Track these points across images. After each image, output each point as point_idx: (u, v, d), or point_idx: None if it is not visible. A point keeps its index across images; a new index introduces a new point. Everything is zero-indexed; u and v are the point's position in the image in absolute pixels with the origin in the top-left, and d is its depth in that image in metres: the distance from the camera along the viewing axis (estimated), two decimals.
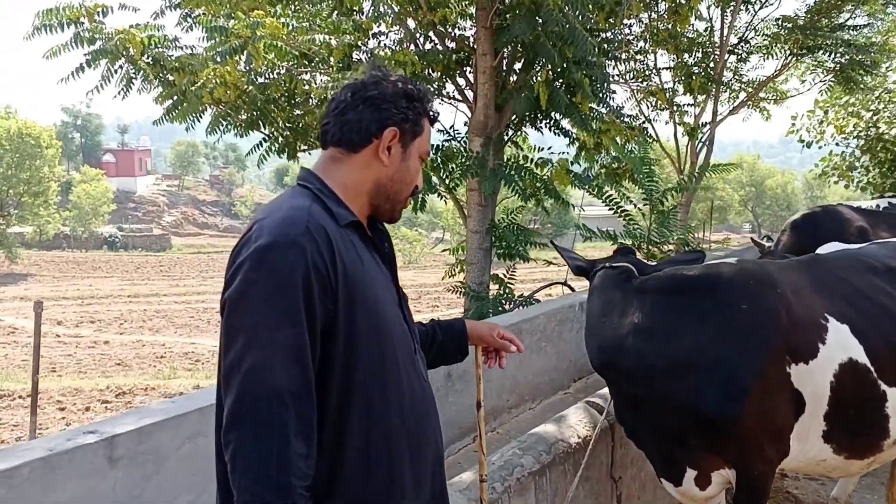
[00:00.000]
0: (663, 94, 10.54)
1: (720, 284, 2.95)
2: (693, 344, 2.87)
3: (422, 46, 7.88)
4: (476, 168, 7.28)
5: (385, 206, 1.73)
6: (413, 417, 1.64)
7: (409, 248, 48.24)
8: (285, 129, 8.31)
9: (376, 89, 1.67)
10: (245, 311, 1.44)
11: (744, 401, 2.80)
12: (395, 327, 1.65)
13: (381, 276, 1.68)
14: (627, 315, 2.96)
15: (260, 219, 1.55)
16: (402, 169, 1.71)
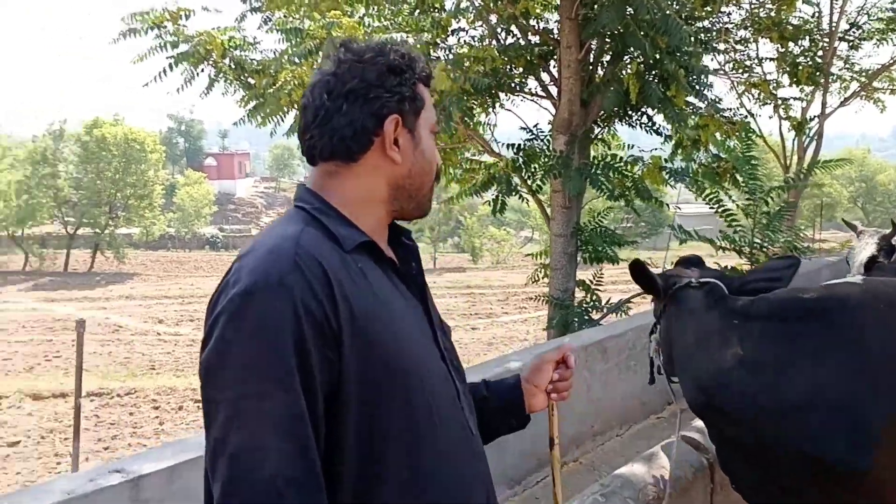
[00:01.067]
0: (766, 85, 9.79)
1: (844, 309, 2.46)
2: (812, 381, 2.40)
3: (503, 42, 7.52)
4: (560, 168, 6.86)
5: (409, 206, 1.39)
6: (458, 487, 1.29)
7: (498, 248, 47.82)
8: None
9: (355, 78, 1.30)
10: (224, 379, 1.14)
11: (874, 450, 2.32)
12: (429, 373, 1.30)
13: (408, 307, 1.33)
14: (730, 345, 2.49)
15: (242, 254, 1.24)
16: (418, 157, 1.36)
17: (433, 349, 1.35)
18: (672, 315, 2.64)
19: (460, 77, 6.45)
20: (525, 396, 1.67)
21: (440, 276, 39.15)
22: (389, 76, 1.31)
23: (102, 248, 41.22)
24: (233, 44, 7.29)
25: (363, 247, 1.28)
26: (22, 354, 18.32)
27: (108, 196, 40.72)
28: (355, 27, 6.99)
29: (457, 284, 34.63)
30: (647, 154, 7.71)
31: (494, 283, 34.20)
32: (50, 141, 41.42)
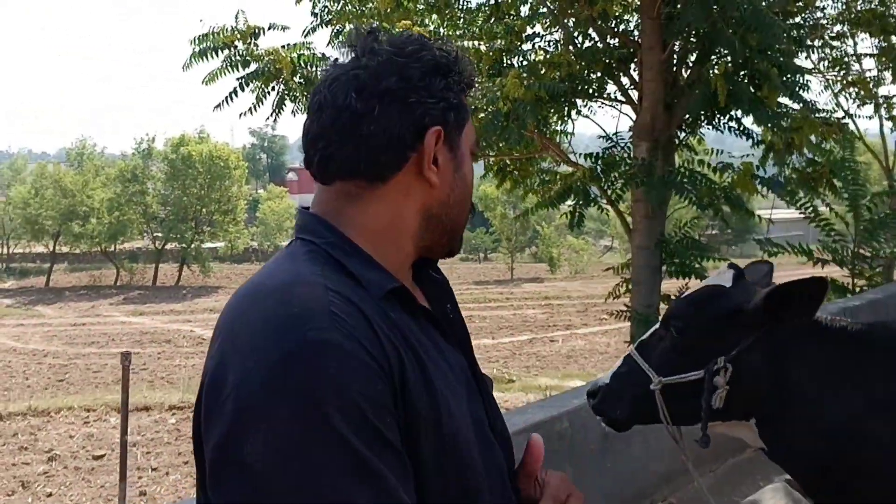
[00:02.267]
0: (866, 83, 9.11)
1: None
2: None
3: (580, 46, 7.21)
4: (642, 176, 6.50)
5: (442, 241, 1.10)
6: None
7: (576, 258, 47.05)
8: None
9: (394, 75, 1.00)
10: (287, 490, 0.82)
11: None
12: (476, 446, 1.01)
13: (448, 366, 1.03)
14: (858, 385, 2.10)
15: (236, 311, 0.95)
16: (459, 182, 1.07)
17: (481, 417, 1.06)
18: (774, 348, 2.15)
19: (535, 84, 6.17)
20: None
21: (517, 287, 38.83)
22: (436, 77, 1.02)
23: (189, 262, 42.67)
24: (303, 60, 7.23)
25: (393, 294, 1.00)
26: (111, 367, 18.98)
27: (193, 212, 42.17)
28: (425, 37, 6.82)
29: (534, 295, 34.23)
30: (738, 160, 7.24)
31: (573, 294, 33.59)
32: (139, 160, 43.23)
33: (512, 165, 8.86)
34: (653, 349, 2.22)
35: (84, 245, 42.20)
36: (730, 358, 2.09)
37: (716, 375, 2.09)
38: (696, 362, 2.12)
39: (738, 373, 2.10)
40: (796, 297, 2.03)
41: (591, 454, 3.22)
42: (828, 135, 7.48)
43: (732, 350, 2.11)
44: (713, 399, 2.09)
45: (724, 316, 2.13)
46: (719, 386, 2.09)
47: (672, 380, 2.13)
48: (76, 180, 41.57)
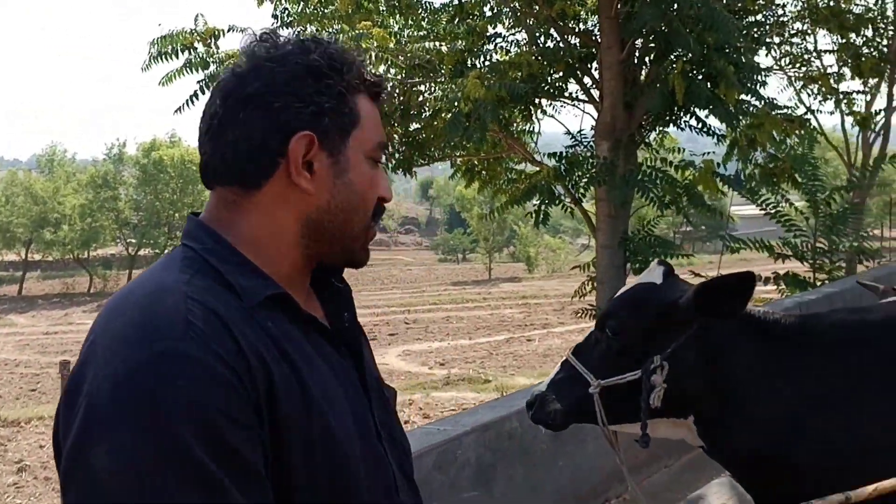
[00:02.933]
0: (827, 79, 9.23)
1: None
2: (886, 419, 2.03)
3: (543, 46, 7.24)
4: (604, 175, 6.53)
5: (334, 251, 1.08)
6: None
7: (554, 257, 47.21)
8: (401, 144, 7.95)
9: (259, 79, 1.00)
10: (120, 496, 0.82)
11: None
12: (360, 462, 1.00)
13: (333, 374, 1.03)
14: (794, 381, 2.11)
15: (103, 318, 0.94)
16: (342, 188, 1.05)
17: (369, 430, 1.05)
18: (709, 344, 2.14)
19: (495, 84, 6.18)
20: None
21: (495, 287, 38.86)
22: (305, 80, 1.01)
23: None
24: None
25: (273, 301, 0.99)
26: None
27: (167, 217, 41.71)
28: (386, 38, 6.81)
29: (512, 295, 34.27)
30: (699, 158, 7.31)
31: (550, 293, 33.67)
32: (110, 165, 42.74)
33: (480, 166, 8.88)
34: (590, 352, 2.21)
35: (56, 252, 41.61)
36: (665, 356, 2.08)
37: (653, 374, 2.08)
38: (632, 362, 2.11)
39: (674, 370, 2.09)
40: (725, 292, 2.02)
41: (542, 453, 3.23)
42: (790, 131, 7.58)
43: (668, 348, 2.09)
44: (651, 398, 2.09)
45: (657, 314, 2.12)
46: (657, 385, 2.09)
47: (610, 381, 2.12)
48: (46, 187, 40.98)
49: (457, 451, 2.88)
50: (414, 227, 79.30)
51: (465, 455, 2.91)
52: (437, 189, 76.90)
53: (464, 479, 2.91)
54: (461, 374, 16.56)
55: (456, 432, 2.91)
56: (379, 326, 25.78)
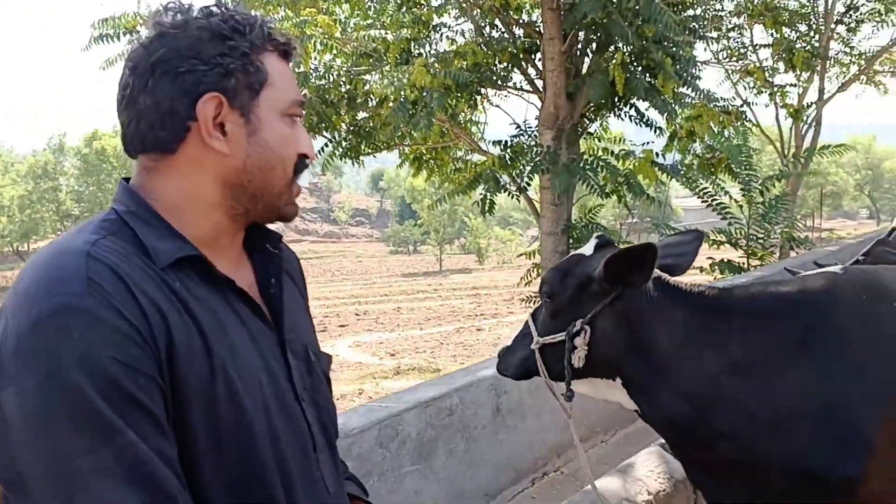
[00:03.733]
0: (761, 73, 9.53)
1: (824, 303, 2.24)
2: (797, 386, 2.17)
3: (488, 36, 7.32)
4: (547, 164, 6.66)
5: (257, 209, 1.11)
6: None
7: (504, 248, 47.58)
8: (349, 133, 7.96)
9: (164, 46, 1.02)
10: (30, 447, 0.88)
11: (867, 457, 2.10)
12: (271, 422, 1.04)
13: (250, 337, 1.07)
14: (714, 348, 2.24)
15: (20, 276, 0.99)
16: (256, 147, 1.07)
17: (282, 391, 1.09)
18: (632, 312, 2.26)
19: (441, 72, 6.25)
20: None
21: (446, 278, 39.02)
22: (209, 44, 1.03)
23: None
24: None
25: (185, 263, 1.02)
26: None
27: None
28: (332, 26, 6.82)
29: (462, 286, 34.46)
30: (639, 148, 7.51)
31: (500, 284, 33.96)
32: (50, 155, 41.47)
33: (428, 155, 8.94)
34: (539, 313, 2.40)
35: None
36: (587, 321, 2.22)
37: (575, 337, 2.23)
38: (562, 324, 2.28)
39: (594, 334, 2.24)
40: (629, 263, 2.15)
41: (483, 428, 3.33)
42: (727, 123, 7.84)
43: (589, 314, 2.24)
44: (573, 358, 2.25)
45: (578, 283, 2.26)
46: (578, 346, 2.23)
47: (545, 340, 2.30)
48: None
49: (398, 426, 2.96)
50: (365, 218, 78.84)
51: (406, 430, 2.99)
52: (387, 181, 76.55)
53: (405, 453, 2.99)
54: (411, 364, 16.62)
55: (398, 408, 2.98)
56: (329, 318, 25.65)
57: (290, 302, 1.20)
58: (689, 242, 2.48)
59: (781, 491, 2.21)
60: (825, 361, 2.17)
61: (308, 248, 65.17)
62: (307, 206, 77.82)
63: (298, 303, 1.26)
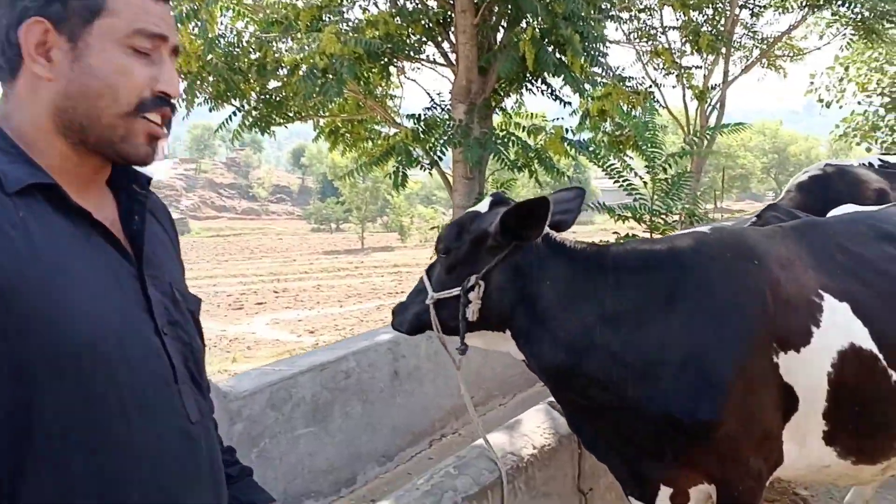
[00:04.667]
0: (669, 54, 9.83)
1: (690, 260, 2.37)
2: (663, 335, 2.30)
3: (401, 7, 7.28)
4: (459, 137, 6.71)
5: (91, 141, 1.10)
6: (162, 488, 1.08)
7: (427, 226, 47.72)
8: (259, 102, 7.80)
9: None
10: None
11: (721, 400, 2.25)
12: (124, 351, 1.05)
13: (100, 270, 1.07)
14: (590, 299, 2.35)
15: None
16: (80, 74, 1.07)
17: (139, 322, 1.10)
18: (522, 266, 2.37)
19: (352, 40, 6.18)
20: None
21: (367, 256, 38.87)
22: None
23: None
24: None
25: (39, 190, 1.03)
26: None
27: None
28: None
29: (384, 264, 34.45)
30: (550, 124, 7.64)
31: (422, 262, 34.06)
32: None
33: (344, 128, 8.86)
34: (434, 269, 2.46)
35: None
36: (481, 276, 2.31)
37: (469, 291, 2.32)
38: (457, 280, 2.36)
39: (488, 288, 2.33)
40: (525, 217, 2.22)
41: (380, 392, 3.36)
42: (636, 102, 8.05)
43: (483, 269, 2.33)
44: (468, 312, 2.34)
45: (475, 238, 2.33)
46: (472, 300, 2.32)
47: (440, 295, 2.37)
48: None
49: (292, 389, 2.96)
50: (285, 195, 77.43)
51: (300, 393, 2.99)
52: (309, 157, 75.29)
53: (299, 416, 2.99)
54: (330, 341, 16.55)
55: (291, 372, 2.98)
56: (246, 295, 25.20)
57: (154, 241, 1.22)
58: (572, 199, 2.58)
59: (647, 435, 2.35)
60: (687, 313, 2.31)
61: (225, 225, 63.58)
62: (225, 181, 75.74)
63: (165, 244, 1.28)
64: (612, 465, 2.60)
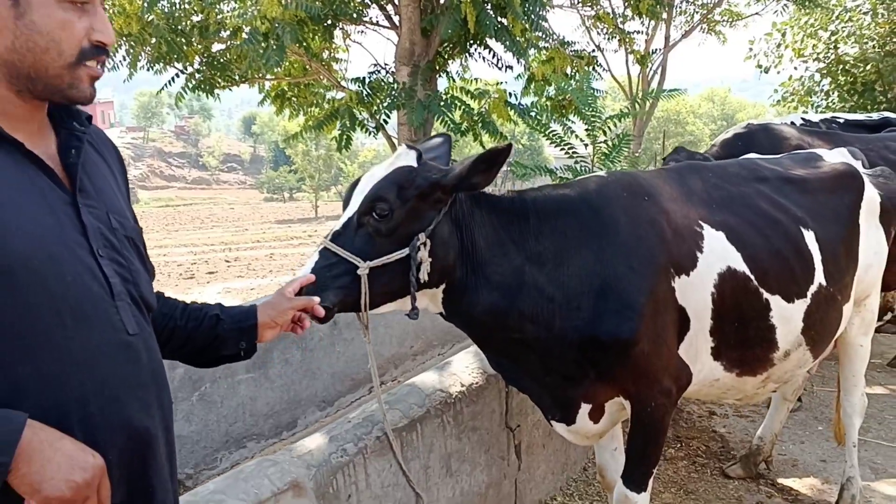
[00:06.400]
0: (610, 18, 10.00)
1: (596, 201, 2.59)
2: (582, 269, 2.52)
3: None
4: (403, 100, 6.80)
5: (38, 88, 1.24)
6: (97, 389, 1.21)
7: None
8: (203, 65, 7.75)
9: None
10: None
11: (637, 320, 2.50)
12: (56, 268, 1.19)
13: (28, 195, 1.20)
14: (516, 244, 2.48)
15: None
16: (23, 29, 1.20)
17: (72, 243, 1.23)
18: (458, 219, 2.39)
19: (292, 3, 6.19)
20: (259, 328, 1.73)
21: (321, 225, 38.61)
22: None
23: None
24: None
25: None
26: None
27: None
28: None
29: None
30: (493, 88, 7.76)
31: None
32: None
33: (290, 92, 8.85)
34: (351, 238, 2.24)
35: None
36: (429, 233, 2.25)
37: (419, 250, 2.24)
38: (399, 242, 2.23)
39: (434, 246, 2.28)
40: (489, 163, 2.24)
41: (319, 340, 3.51)
42: (580, 67, 8.21)
43: (430, 225, 2.27)
44: (421, 272, 2.25)
45: (421, 193, 2.25)
46: (423, 260, 2.25)
47: (380, 261, 2.19)
48: None
49: None
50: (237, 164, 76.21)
51: None
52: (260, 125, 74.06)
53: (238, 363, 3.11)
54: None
55: None
56: (197, 265, 24.93)
57: (94, 172, 1.35)
58: (440, 145, 2.62)
59: (573, 359, 2.56)
60: (599, 248, 2.53)
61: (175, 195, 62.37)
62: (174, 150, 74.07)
63: (106, 177, 1.40)
64: (534, 394, 2.81)
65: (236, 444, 3.12)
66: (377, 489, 2.51)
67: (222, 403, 3.05)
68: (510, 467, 3.28)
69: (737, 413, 4.48)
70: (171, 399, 1.41)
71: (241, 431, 3.14)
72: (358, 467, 2.44)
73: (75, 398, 1.18)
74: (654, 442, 2.69)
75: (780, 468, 3.82)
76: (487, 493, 3.14)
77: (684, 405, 4.51)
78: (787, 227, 2.92)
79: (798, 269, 2.90)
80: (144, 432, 1.29)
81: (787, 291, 2.86)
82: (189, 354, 1.66)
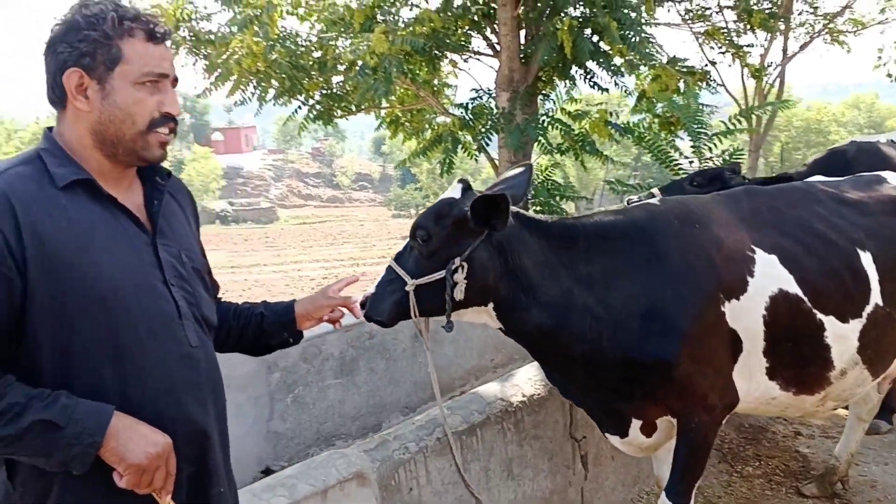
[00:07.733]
0: (721, 34, 9.84)
1: (647, 228, 2.77)
2: (630, 293, 2.72)
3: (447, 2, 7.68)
4: (502, 124, 7.09)
5: (119, 152, 1.57)
6: (166, 391, 1.56)
7: None
8: (323, 97, 8.38)
9: (52, 32, 1.55)
10: None
11: (679, 344, 2.66)
12: (138, 295, 1.54)
13: (119, 239, 1.55)
14: (566, 267, 2.70)
15: None
16: (108, 106, 1.54)
17: (150, 276, 1.58)
18: (502, 244, 2.64)
19: (398, 39, 6.65)
20: (297, 319, 2.05)
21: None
22: (71, 32, 1.52)
23: None
24: (184, 15, 7.53)
25: (78, 185, 1.52)
26: None
27: None
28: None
29: None
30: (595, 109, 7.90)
31: None
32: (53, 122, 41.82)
33: (404, 118, 9.37)
34: (407, 258, 2.64)
35: None
36: (464, 258, 2.56)
37: (454, 273, 2.56)
38: (439, 264, 2.58)
39: (472, 268, 2.58)
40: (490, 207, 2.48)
41: (402, 351, 3.85)
42: (692, 83, 8.21)
43: (465, 251, 2.58)
44: (455, 292, 2.57)
45: (454, 223, 2.59)
46: (458, 281, 2.56)
47: (422, 281, 2.57)
48: None
49: (321, 346, 3.48)
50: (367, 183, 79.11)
51: (328, 350, 3.52)
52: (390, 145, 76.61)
53: (328, 369, 3.52)
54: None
55: (318, 332, 3.48)
56: (328, 279, 26.28)
57: (171, 217, 1.72)
58: (521, 174, 2.88)
59: (618, 377, 2.76)
60: (648, 273, 2.71)
61: (311, 213, 65.58)
62: (310, 171, 77.95)
63: (181, 220, 1.77)
64: (587, 407, 3.01)
65: (326, 442, 3.51)
66: (438, 485, 2.81)
67: (314, 405, 3.45)
68: (576, 476, 3.47)
69: (823, 434, 4.42)
70: (224, 399, 1.76)
71: (330, 430, 3.53)
72: (419, 464, 2.75)
73: (148, 396, 1.54)
74: (696, 457, 2.80)
75: (858, 489, 3.78)
76: (552, 499, 3.35)
77: (770, 424, 4.50)
78: (842, 248, 2.96)
79: (853, 289, 2.93)
80: (201, 425, 1.64)
81: (841, 311, 2.90)
82: (245, 347, 2.02)
